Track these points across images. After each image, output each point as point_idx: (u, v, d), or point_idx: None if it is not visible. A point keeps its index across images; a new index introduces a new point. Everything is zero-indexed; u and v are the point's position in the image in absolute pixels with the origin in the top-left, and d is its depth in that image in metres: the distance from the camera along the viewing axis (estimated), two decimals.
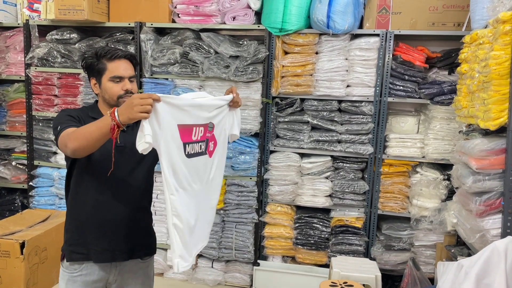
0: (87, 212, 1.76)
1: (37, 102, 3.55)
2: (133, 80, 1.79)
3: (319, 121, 3.19)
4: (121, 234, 1.75)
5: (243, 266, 3.38)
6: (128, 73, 1.76)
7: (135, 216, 1.80)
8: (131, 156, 1.71)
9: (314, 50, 3.18)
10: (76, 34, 3.45)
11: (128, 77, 1.76)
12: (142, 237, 1.85)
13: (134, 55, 1.84)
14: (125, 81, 1.75)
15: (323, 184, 3.23)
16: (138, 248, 1.82)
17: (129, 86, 1.75)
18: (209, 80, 3.30)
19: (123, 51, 1.79)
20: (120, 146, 1.66)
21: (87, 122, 1.73)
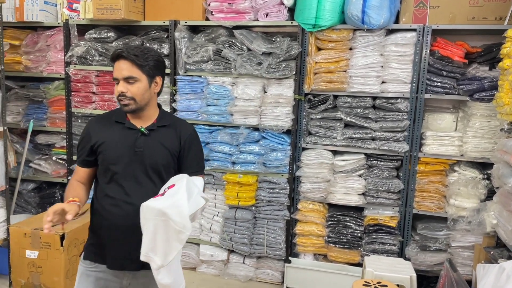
0: (101, 217, 1.75)
1: (76, 99, 3.68)
2: (133, 82, 1.66)
3: (353, 118, 3.15)
4: (131, 243, 1.65)
5: (275, 262, 3.39)
6: (122, 74, 1.65)
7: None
8: (147, 160, 1.71)
9: (348, 46, 3.13)
10: (113, 33, 3.54)
11: (123, 78, 1.65)
12: None
13: (129, 54, 1.65)
14: (120, 83, 1.66)
15: (356, 182, 3.18)
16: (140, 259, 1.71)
17: (121, 88, 1.66)
18: (242, 77, 3.31)
19: (119, 50, 1.67)
20: (138, 150, 1.70)
21: (105, 128, 1.75)
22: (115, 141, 1.73)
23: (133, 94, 1.66)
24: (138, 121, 1.76)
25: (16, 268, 3.12)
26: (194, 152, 1.79)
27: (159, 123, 1.77)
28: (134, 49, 1.68)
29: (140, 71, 1.66)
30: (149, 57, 1.69)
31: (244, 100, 3.32)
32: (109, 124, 1.77)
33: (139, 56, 1.66)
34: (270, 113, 3.29)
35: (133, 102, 1.67)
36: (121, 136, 1.73)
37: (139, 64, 1.66)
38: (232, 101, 3.35)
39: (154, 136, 1.73)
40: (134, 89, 1.66)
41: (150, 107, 1.75)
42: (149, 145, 1.70)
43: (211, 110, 3.40)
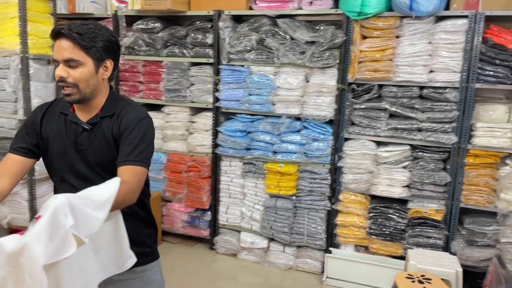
0: None
1: (124, 88, 3.81)
2: (76, 65, 1.37)
3: (398, 108, 3.07)
4: None
5: (315, 252, 3.39)
6: (63, 55, 1.36)
7: None
8: (91, 158, 1.48)
9: (394, 34, 3.04)
10: (159, 24, 3.63)
11: (63, 60, 1.37)
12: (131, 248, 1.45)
13: (71, 32, 1.35)
14: (60, 66, 1.38)
15: (401, 174, 3.11)
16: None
17: (60, 71, 1.37)
18: (284, 67, 3.31)
19: (58, 27, 1.37)
20: (81, 148, 1.47)
21: (53, 119, 1.50)
22: (58, 138, 1.49)
23: (75, 79, 1.38)
24: (83, 113, 1.49)
25: None
26: (130, 139, 1.43)
27: (103, 113, 1.47)
28: (79, 26, 1.37)
29: (84, 53, 1.37)
30: (97, 36, 1.39)
31: (286, 89, 3.32)
32: (53, 115, 1.52)
33: (84, 35, 1.36)
34: (313, 102, 3.27)
35: (76, 90, 1.39)
36: (64, 131, 1.49)
37: (83, 45, 1.36)
38: (274, 90, 3.35)
39: (97, 130, 1.47)
40: (76, 74, 1.37)
41: (98, 96, 1.46)
42: (92, 141, 1.47)
43: (253, 99, 3.43)
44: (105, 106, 1.48)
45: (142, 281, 1.58)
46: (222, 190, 3.70)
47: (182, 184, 3.75)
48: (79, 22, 1.40)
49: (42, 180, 3.17)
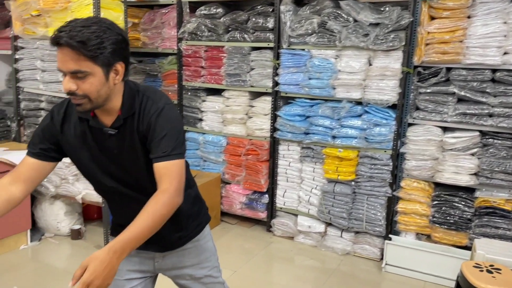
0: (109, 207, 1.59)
1: (187, 73, 3.93)
2: (83, 76, 1.23)
3: (468, 92, 2.93)
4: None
5: (374, 239, 3.35)
6: (68, 67, 1.22)
7: None
8: (126, 162, 1.41)
9: (466, 14, 2.89)
10: (221, 9, 3.70)
11: (69, 72, 1.22)
12: (174, 232, 1.55)
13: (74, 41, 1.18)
14: (67, 78, 1.24)
15: (468, 161, 2.98)
16: (172, 242, 1.58)
17: (69, 85, 1.24)
18: (346, 50, 3.25)
19: (57, 34, 1.20)
20: (113, 151, 1.40)
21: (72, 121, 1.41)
22: (85, 144, 1.40)
23: (85, 92, 1.26)
24: (103, 116, 1.38)
25: None
26: (157, 134, 1.34)
27: (124, 115, 1.37)
28: (81, 31, 1.19)
29: (91, 63, 1.23)
30: (102, 41, 1.22)
31: (347, 73, 3.27)
32: (73, 118, 1.41)
33: (88, 44, 1.19)
34: (375, 86, 3.19)
35: (86, 100, 1.28)
36: (89, 137, 1.40)
37: (90, 55, 1.21)
38: (335, 74, 3.31)
39: (123, 132, 1.38)
40: (86, 86, 1.25)
41: (113, 99, 1.35)
42: (121, 145, 1.39)
43: (313, 83, 3.41)
44: (124, 106, 1.37)
45: (197, 249, 1.64)
46: (280, 173, 3.74)
47: (240, 167, 3.83)
48: (80, 24, 1.22)
49: None
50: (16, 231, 3.32)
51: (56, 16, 3.24)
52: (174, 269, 1.64)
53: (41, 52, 3.38)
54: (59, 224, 3.55)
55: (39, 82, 3.45)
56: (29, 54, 3.47)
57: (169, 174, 1.32)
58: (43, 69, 3.41)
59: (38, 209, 3.60)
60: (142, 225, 1.22)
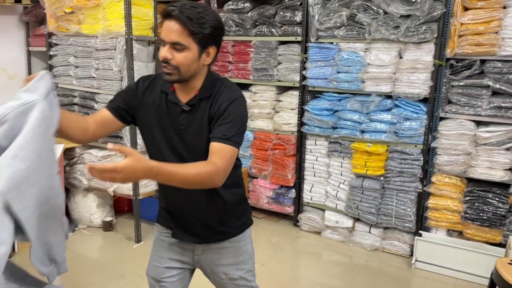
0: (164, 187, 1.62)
1: (215, 68, 3.96)
2: (181, 49, 1.36)
3: (503, 85, 2.84)
4: (185, 219, 1.56)
5: (403, 235, 3.30)
6: (170, 37, 1.35)
7: (207, 207, 1.56)
8: (189, 139, 1.49)
9: (501, 4, 2.80)
10: (249, 3, 3.70)
11: (170, 42, 1.36)
12: (217, 225, 1.61)
13: (182, 15, 1.33)
14: (166, 47, 1.37)
15: (503, 156, 2.89)
16: (214, 235, 1.62)
17: (165, 53, 1.37)
18: (376, 42, 3.20)
19: (170, 8, 1.35)
20: (180, 127, 1.48)
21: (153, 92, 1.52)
22: (159, 114, 1.51)
23: (178, 63, 1.38)
24: (182, 93, 1.50)
25: None
26: (223, 119, 1.44)
27: (201, 95, 1.48)
28: (190, 10, 1.35)
29: (191, 39, 1.36)
30: (205, 22, 1.37)
31: (377, 66, 3.22)
32: (155, 90, 1.54)
33: (194, 20, 1.35)
34: (406, 79, 3.14)
35: (176, 72, 1.40)
36: (164, 109, 1.51)
37: (192, 30, 1.35)
38: (364, 67, 3.27)
39: (195, 111, 1.48)
40: (180, 57, 1.37)
41: (196, 78, 1.47)
42: (190, 123, 1.48)
43: (341, 77, 3.38)
44: (203, 88, 1.48)
45: (236, 250, 1.67)
46: (307, 168, 3.73)
47: (267, 161, 3.84)
48: (189, 4, 1.36)
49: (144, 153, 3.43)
50: None
51: (88, 13, 3.32)
52: (212, 265, 1.67)
53: (74, 48, 3.47)
54: (91, 216, 3.65)
55: (72, 78, 3.55)
56: (63, 50, 3.57)
57: (222, 154, 1.39)
58: (76, 65, 3.51)
59: (72, 201, 3.71)
60: (181, 170, 1.31)
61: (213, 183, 1.37)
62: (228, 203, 1.59)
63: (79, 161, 3.63)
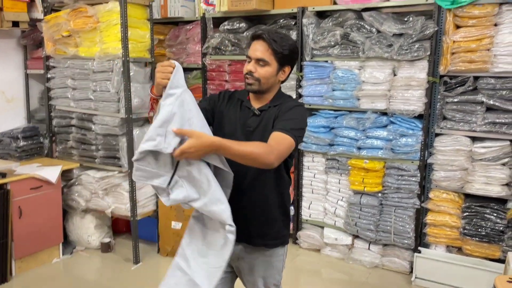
0: None
1: (211, 87, 3.99)
2: (264, 65, 1.67)
3: (496, 101, 2.87)
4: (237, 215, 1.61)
5: (402, 251, 3.29)
6: (256, 54, 1.67)
7: (252, 202, 1.73)
8: (253, 136, 1.68)
9: (492, 22, 2.84)
10: (244, 24, 3.75)
11: (256, 58, 1.67)
12: (259, 226, 1.75)
13: (270, 37, 1.66)
14: (252, 62, 1.68)
15: (499, 171, 2.91)
16: (253, 235, 1.75)
17: (250, 67, 1.68)
18: (370, 61, 3.24)
19: (260, 31, 1.70)
20: (248, 129, 1.71)
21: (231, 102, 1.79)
22: (232, 117, 1.77)
23: (259, 75, 1.68)
24: (256, 102, 1.77)
25: (163, 237, 3.56)
26: (286, 116, 1.68)
27: (271, 104, 1.74)
28: (275, 34, 1.69)
29: (273, 57, 1.67)
30: (286, 45, 1.69)
31: (372, 84, 3.26)
32: (233, 100, 1.82)
33: (277, 42, 1.66)
34: (400, 96, 3.17)
35: (257, 83, 1.69)
36: (238, 113, 1.77)
37: (274, 49, 1.66)
38: (359, 85, 3.30)
39: (264, 116, 1.73)
40: (262, 71, 1.68)
41: (270, 91, 1.76)
42: (258, 125, 1.72)
43: (337, 94, 3.41)
44: (274, 99, 1.76)
45: (267, 264, 1.80)
46: (305, 185, 3.73)
47: None
48: (274, 30, 1.76)
49: None
50: (49, 245, 3.42)
51: (85, 36, 3.35)
52: (246, 273, 1.82)
53: (72, 71, 3.50)
54: (89, 238, 3.64)
55: (69, 100, 3.57)
56: (60, 73, 3.59)
57: (279, 140, 1.58)
58: (73, 87, 3.53)
59: (70, 222, 3.70)
60: (239, 145, 1.50)
61: (266, 161, 1.52)
62: (276, 204, 1.77)
63: (77, 183, 3.63)
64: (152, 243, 3.72)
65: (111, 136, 3.38)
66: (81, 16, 3.30)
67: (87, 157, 3.57)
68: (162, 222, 3.53)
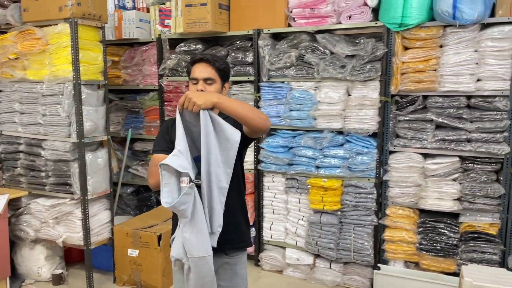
0: None
1: (169, 108, 3.93)
2: (211, 83, 1.83)
3: (445, 119, 2.99)
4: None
5: (363, 269, 3.31)
6: (202, 75, 1.82)
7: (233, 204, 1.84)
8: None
9: (438, 43, 2.98)
10: (201, 45, 3.74)
11: (202, 79, 1.82)
12: (225, 231, 1.78)
13: (215, 59, 1.86)
14: (199, 83, 1.82)
15: (450, 186, 3.01)
16: (219, 242, 1.78)
17: (200, 87, 1.81)
18: (325, 81, 3.31)
19: (204, 55, 1.88)
20: None
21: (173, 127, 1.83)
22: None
23: None
24: None
25: (120, 265, 3.41)
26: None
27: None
28: (214, 55, 1.93)
29: (217, 75, 1.85)
30: (224, 64, 1.90)
31: (327, 103, 3.32)
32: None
33: (218, 62, 1.86)
34: (355, 116, 3.24)
35: None
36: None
37: (218, 68, 1.85)
38: (315, 105, 3.35)
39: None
40: (211, 89, 1.82)
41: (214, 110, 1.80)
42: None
43: (294, 115, 3.44)
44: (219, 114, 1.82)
45: (232, 272, 1.92)
46: (266, 206, 3.71)
47: None
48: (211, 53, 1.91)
49: (94, 200, 3.31)
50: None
51: (34, 59, 3.22)
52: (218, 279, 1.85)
53: (20, 94, 3.34)
54: (39, 270, 3.43)
55: (17, 125, 3.40)
56: (7, 97, 3.42)
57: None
58: (21, 111, 3.37)
59: (18, 255, 3.48)
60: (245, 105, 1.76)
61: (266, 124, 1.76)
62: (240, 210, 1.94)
63: (26, 212, 3.43)
64: (107, 272, 3.56)
65: (62, 162, 3.24)
66: (29, 38, 3.18)
67: (36, 185, 3.39)
68: (118, 250, 3.39)
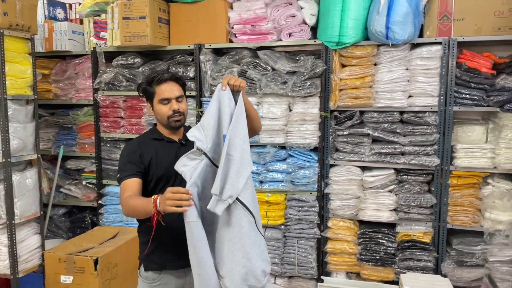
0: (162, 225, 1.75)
1: (105, 124, 3.75)
2: (181, 100, 1.94)
3: (380, 133, 3.13)
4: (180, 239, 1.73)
5: (307, 282, 3.35)
6: (174, 94, 1.92)
7: None
8: None
9: (372, 61, 3.14)
10: (140, 59, 3.63)
11: (175, 97, 1.91)
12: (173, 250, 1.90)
13: (179, 76, 1.99)
14: (172, 102, 1.91)
15: (387, 198, 3.15)
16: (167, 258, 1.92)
17: (176, 106, 1.91)
18: (267, 97, 3.34)
19: (169, 74, 1.96)
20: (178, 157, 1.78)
21: (149, 146, 1.95)
22: (160, 157, 1.92)
23: (183, 110, 1.94)
24: (174, 135, 2.00)
25: None
26: None
27: (186, 134, 1.87)
28: (175, 73, 2.09)
29: (183, 91, 1.98)
30: (184, 79, 2.04)
31: (270, 119, 3.34)
32: (148, 142, 1.97)
33: (181, 79, 1.99)
34: (297, 131, 3.30)
35: (183, 117, 1.95)
36: (164, 150, 1.94)
37: (184, 83, 2.00)
38: None
39: (189, 144, 1.86)
40: (183, 105, 1.95)
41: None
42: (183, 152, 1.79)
43: None
44: (185, 129, 2.03)
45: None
46: None
47: None
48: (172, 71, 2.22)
49: (22, 224, 3.05)
50: None
51: None
52: None
53: None
54: None
55: None
56: None
57: None
58: None
59: None
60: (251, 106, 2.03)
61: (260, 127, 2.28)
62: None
63: None
64: None
65: None
66: None
67: None
68: (50, 278, 3.13)
